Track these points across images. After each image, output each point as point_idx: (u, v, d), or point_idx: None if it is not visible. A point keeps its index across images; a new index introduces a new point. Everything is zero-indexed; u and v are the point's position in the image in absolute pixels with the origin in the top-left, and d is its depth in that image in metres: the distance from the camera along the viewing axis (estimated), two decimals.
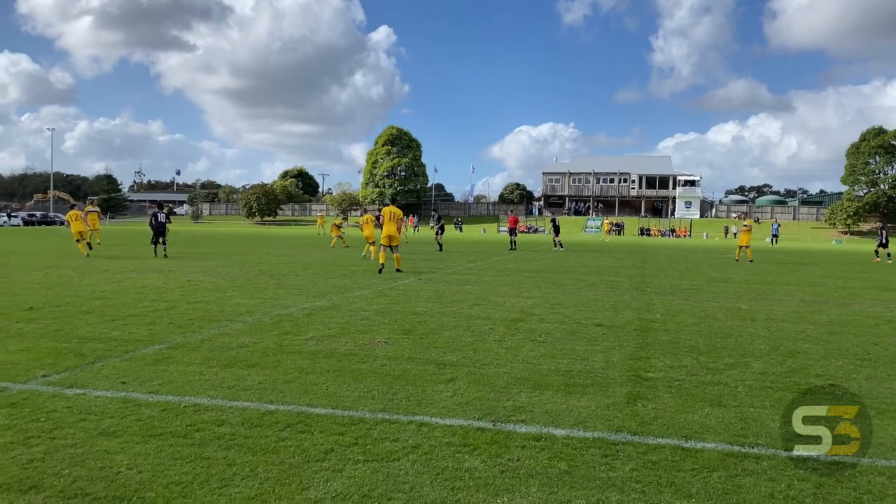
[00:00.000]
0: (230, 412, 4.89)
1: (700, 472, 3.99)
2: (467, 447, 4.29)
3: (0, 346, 6.97)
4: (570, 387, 5.80)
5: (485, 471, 3.93)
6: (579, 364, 6.68)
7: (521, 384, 5.83)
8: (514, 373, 6.25)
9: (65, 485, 3.57)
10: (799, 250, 39.31)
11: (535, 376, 6.13)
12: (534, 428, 4.70)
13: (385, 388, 5.59)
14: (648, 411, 5.17)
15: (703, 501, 3.62)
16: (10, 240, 34.67)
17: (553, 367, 6.50)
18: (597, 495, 3.64)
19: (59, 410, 4.86)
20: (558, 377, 6.12)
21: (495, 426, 4.72)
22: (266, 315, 9.37)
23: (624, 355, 7.17)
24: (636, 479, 3.88)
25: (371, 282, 14.37)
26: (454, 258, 24.08)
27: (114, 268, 17.02)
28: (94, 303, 10.29)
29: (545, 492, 3.67)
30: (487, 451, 4.25)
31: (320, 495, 3.53)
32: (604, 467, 4.05)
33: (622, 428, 4.76)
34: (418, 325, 8.74)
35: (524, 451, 4.25)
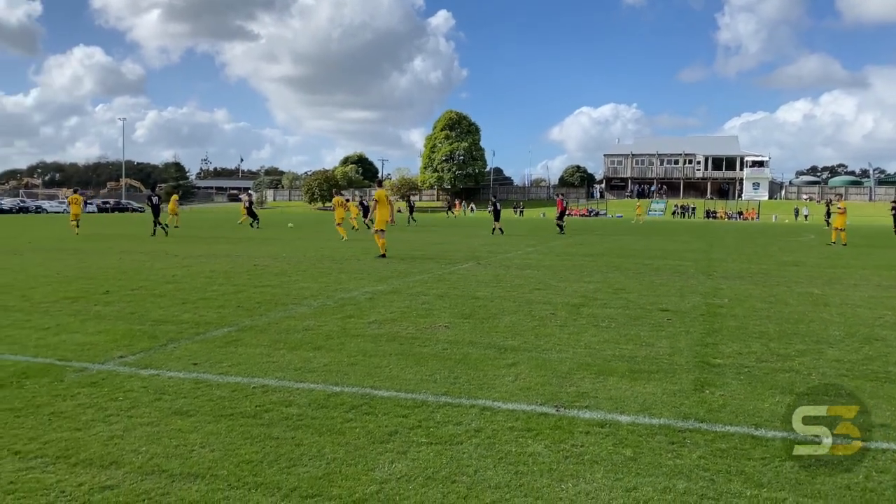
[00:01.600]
0: (297, 393, 5.00)
1: (772, 462, 3.87)
2: (530, 432, 4.28)
3: (80, 328, 7.30)
4: (634, 373, 5.71)
5: (548, 456, 3.91)
6: (644, 350, 6.57)
7: (584, 370, 5.77)
8: (577, 358, 6.19)
9: (142, 461, 3.72)
10: (875, 232, 37.57)
11: (599, 362, 6.06)
12: (598, 414, 4.65)
13: (447, 372, 5.62)
14: (716, 398, 5.04)
15: (776, 491, 3.52)
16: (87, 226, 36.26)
17: (617, 353, 6.41)
18: (663, 482, 3.58)
19: (136, 390, 5.06)
20: (622, 363, 6.04)
21: (558, 412, 4.69)
22: (330, 299, 9.53)
23: (690, 341, 7.01)
24: (704, 466, 3.80)
25: (430, 266, 14.45)
26: (513, 242, 23.97)
27: (183, 252, 17.60)
28: (166, 286, 10.67)
29: (610, 478, 3.63)
30: (551, 436, 4.22)
31: (385, 476, 3.58)
32: (670, 455, 3.97)
33: (689, 415, 4.66)
34: (478, 309, 8.74)
35: (588, 437, 4.21)
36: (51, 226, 37.08)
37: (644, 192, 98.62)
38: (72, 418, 4.40)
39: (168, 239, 23.93)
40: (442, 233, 31.43)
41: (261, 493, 3.35)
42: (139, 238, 24.86)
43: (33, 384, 5.16)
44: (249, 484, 3.44)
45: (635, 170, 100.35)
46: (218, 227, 34.79)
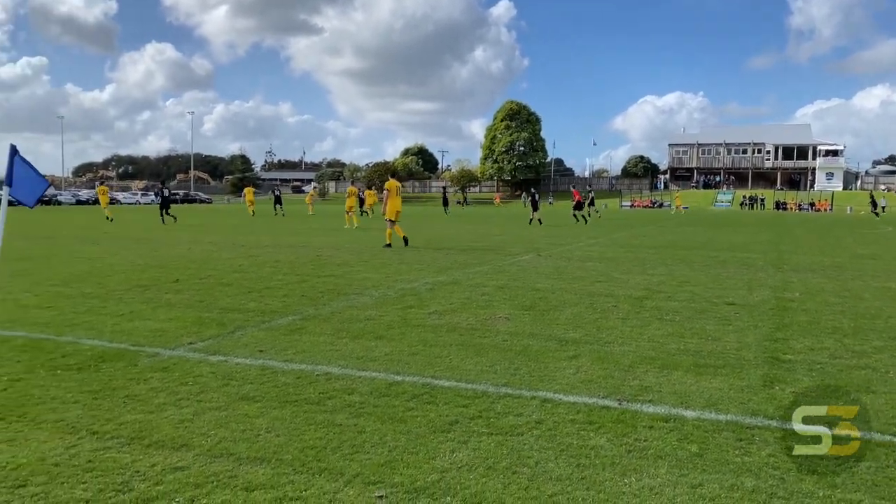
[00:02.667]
0: (359, 381, 5.07)
1: (846, 462, 3.72)
2: (592, 425, 4.23)
3: (152, 315, 7.58)
4: (700, 367, 5.57)
5: (611, 449, 3.85)
6: (710, 344, 6.40)
7: (648, 363, 5.67)
8: (640, 352, 6.07)
9: (211, 444, 3.84)
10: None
11: (663, 356, 5.93)
12: (662, 408, 4.56)
13: (507, 363, 5.60)
14: (787, 395, 4.87)
15: (850, 492, 3.38)
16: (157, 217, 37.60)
17: (682, 347, 6.26)
18: (731, 480, 3.49)
19: (205, 375, 5.22)
20: (687, 357, 5.90)
21: (621, 405, 4.61)
22: (390, 289, 9.62)
23: (759, 336, 6.79)
24: (774, 465, 3.68)
25: (489, 258, 14.42)
26: (574, 234, 23.70)
27: (249, 242, 18.07)
28: (233, 275, 10.97)
29: (675, 474, 3.55)
30: (613, 429, 4.16)
31: (447, 465, 3.59)
32: (738, 451, 3.86)
33: (758, 412, 4.52)
34: (539, 301, 8.68)
35: (652, 432, 4.13)
36: (124, 216, 38.56)
37: (710, 182, 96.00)
38: (145, 401, 4.58)
39: (236, 229, 24.58)
40: (501, 224, 31.32)
41: (324, 478, 3.41)
42: (207, 228, 25.64)
43: (109, 368, 5.39)
44: (313, 469, 3.51)
45: (701, 160, 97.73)
46: (281, 218, 35.55)
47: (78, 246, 17.00)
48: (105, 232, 23.09)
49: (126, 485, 3.29)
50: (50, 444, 3.78)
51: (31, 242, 17.62)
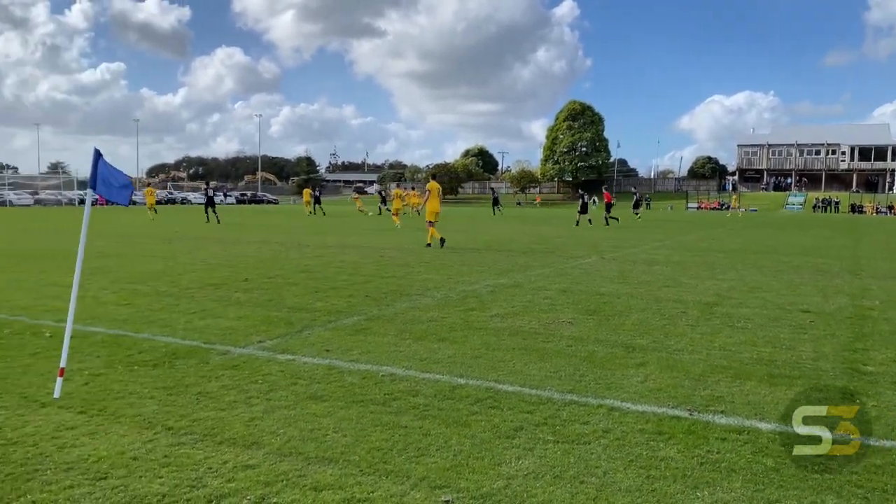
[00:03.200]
0: (423, 384, 5.09)
1: None
2: (662, 435, 4.13)
3: (222, 313, 7.79)
4: (774, 378, 5.37)
5: (682, 461, 3.75)
6: (784, 353, 6.16)
7: (719, 372, 5.50)
8: (711, 360, 5.90)
9: (281, 443, 3.91)
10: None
11: (735, 365, 5.74)
12: (735, 420, 4.41)
13: (572, 370, 5.52)
14: (868, 409, 4.65)
15: None
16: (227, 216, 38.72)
17: (755, 356, 6.05)
18: (810, 497, 3.34)
19: (274, 374, 5.33)
20: (761, 367, 5.69)
21: (692, 415, 4.49)
22: (452, 291, 9.63)
23: (836, 346, 6.51)
24: (857, 483, 3.51)
25: (552, 260, 14.28)
26: (639, 236, 23.26)
27: (315, 243, 18.40)
28: (299, 275, 11.18)
29: (750, 489, 3.43)
30: (684, 440, 4.05)
31: (512, 472, 3.56)
32: (817, 467, 3.70)
33: None
34: (604, 305, 8.54)
35: (725, 444, 4.00)
36: (195, 215, 39.84)
37: (781, 184, 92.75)
38: (217, 399, 4.70)
39: (301, 229, 25.07)
40: (563, 226, 31.00)
41: (391, 480, 3.43)
42: (274, 228, 26.26)
43: (182, 365, 5.56)
44: (380, 471, 3.53)
45: (771, 161, 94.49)
46: (345, 218, 36.12)
47: (153, 244, 17.65)
48: (177, 231, 23.91)
49: (199, 481, 3.39)
50: (128, 439, 3.92)
51: (110, 241, 18.39)
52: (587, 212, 31.02)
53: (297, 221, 33.30)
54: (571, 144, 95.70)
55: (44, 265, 12.48)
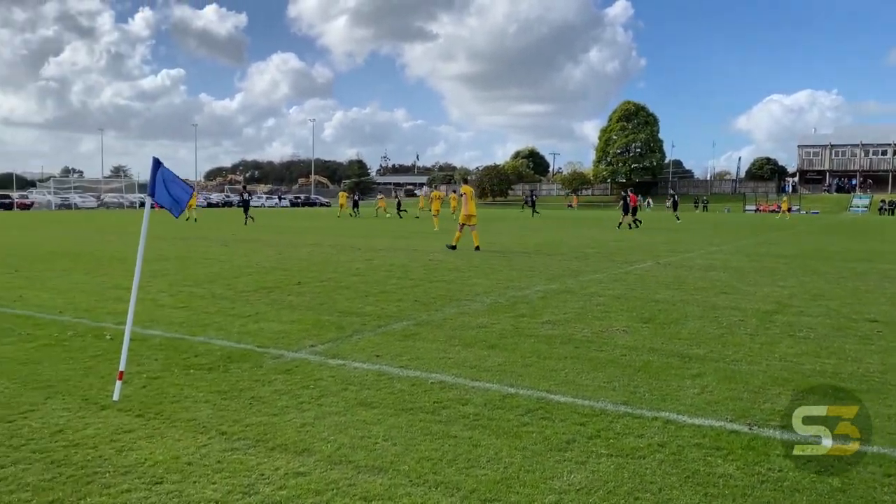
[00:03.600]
0: (473, 392, 5.04)
1: None
2: (720, 451, 3.99)
3: (275, 317, 7.90)
4: (839, 391, 5.15)
5: (741, 479, 3.61)
6: (850, 365, 5.91)
7: (780, 385, 5.29)
8: (771, 371, 5.69)
9: (331, 450, 3.92)
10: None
11: (797, 377, 5.53)
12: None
13: (626, 380, 5.40)
14: None
15: None
16: (282, 219, 39.43)
17: (818, 368, 5.81)
18: None
19: (325, 379, 5.37)
20: (825, 379, 5.46)
21: (751, 430, 4.33)
22: (502, 296, 9.57)
23: None
24: None
25: (605, 265, 14.06)
26: (695, 241, 22.74)
27: (366, 246, 18.56)
28: (351, 279, 11.28)
29: None
30: (743, 457, 3.90)
31: (564, 486, 3.49)
32: (887, 489, 3.52)
33: None
34: (659, 313, 8.35)
35: (787, 462, 3.84)
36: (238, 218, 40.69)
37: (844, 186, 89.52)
38: (269, 403, 4.76)
39: (352, 232, 25.33)
40: (614, 229, 30.55)
41: (440, 492, 3.39)
42: (327, 231, 26.60)
43: (237, 368, 5.65)
44: (430, 482, 3.50)
45: (834, 162, 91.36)
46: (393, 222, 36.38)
47: (209, 247, 18.07)
48: (233, 234, 24.44)
49: (252, 487, 3.42)
50: (183, 443, 3.99)
51: (168, 243, 18.90)
52: (629, 213, 30.77)
53: (348, 224, 33.68)
54: (625, 145, 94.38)
55: (107, 268, 12.90)
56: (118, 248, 17.37)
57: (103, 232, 25.83)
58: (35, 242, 19.63)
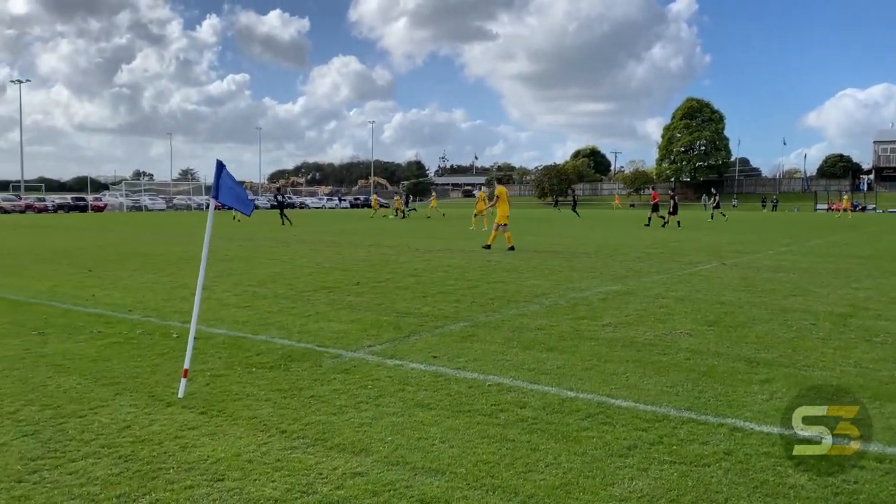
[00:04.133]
0: (531, 395, 4.97)
1: None
2: (790, 460, 3.81)
3: (335, 316, 7.99)
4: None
5: (814, 490, 3.44)
6: None
7: (855, 392, 5.04)
8: (845, 378, 5.43)
9: (388, 451, 3.92)
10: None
11: (873, 384, 5.25)
12: (875, 446, 4.01)
13: (690, 385, 5.23)
14: None
15: None
16: (342, 221, 40.03)
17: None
18: None
19: (382, 379, 5.38)
20: None
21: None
22: (561, 298, 9.44)
23: None
24: None
25: (668, 266, 13.72)
26: (763, 241, 22.00)
27: (424, 247, 18.63)
28: (408, 279, 11.32)
29: None
30: (816, 467, 3.72)
31: (625, 493, 3.39)
32: None
33: None
34: (724, 315, 8.08)
35: (863, 473, 3.64)
36: (311, 220, 41.47)
37: None
38: (328, 402, 4.80)
39: (411, 234, 25.49)
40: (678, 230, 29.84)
41: (498, 496, 3.35)
42: (386, 231, 26.84)
43: (297, 367, 5.73)
44: (487, 486, 3.46)
45: None
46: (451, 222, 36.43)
47: (272, 248, 18.46)
48: (295, 235, 24.91)
49: (310, 486, 3.44)
50: (244, 441, 4.06)
51: (233, 244, 19.41)
52: (675, 212, 30.76)
53: (406, 224, 33.91)
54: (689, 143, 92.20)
55: (174, 268, 13.32)
56: (185, 249, 17.93)
57: (171, 233, 26.71)
58: (107, 243, 20.45)
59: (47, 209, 61.90)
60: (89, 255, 16.09)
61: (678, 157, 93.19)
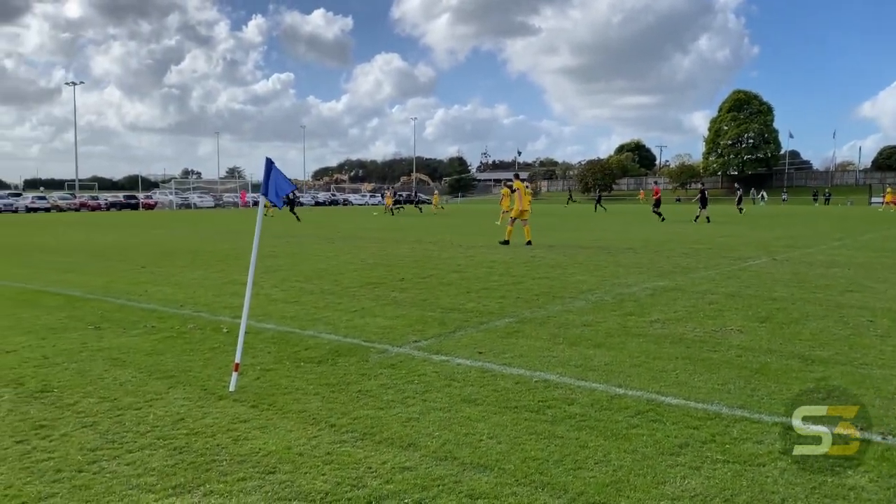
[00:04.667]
0: (579, 392, 4.93)
1: None
2: (849, 461, 3.70)
3: (380, 312, 8.04)
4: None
5: (875, 492, 3.33)
6: None
7: None
8: None
9: (436, 446, 3.93)
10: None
11: None
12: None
13: (742, 382, 5.12)
14: None
15: None
16: (385, 217, 40.29)
17: None
18: None
19: (429, 374, 5.40)
20: None
21: (885, 440, 3.99)
22: (607, 293, 9.33)
23: None
24: None
25: (717, 261, 13.45)
26: (815, 235, 21.39)
27: (466, 243, 18.62)
28: (452, 275, 11.33)
29: None
30: (876, 468, 3.60)
31: (678, 492, 3.33)
32: None
33: None
34: (777, 312, 7.88)
35: None
36: (355, 217, 41.85)
37: None
38: (375, 397, 4.83)
39: (453, 230, 25.54)
40: (728, 225, 29.22)
41: (547, 493, 3.32)
42: (427, 228, 26.91)
43: (344, 362, 5.78)
44: (536, 482, 3.44)
45: None
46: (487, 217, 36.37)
47: (316, 244, 18.68)
48: (339, 231, 25.16)
49: (360, 480, 3.47)
50: (295, 434, 4.12)
51: (279, 240, 19.70)
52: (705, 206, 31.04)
53: (448, 220, 33.93)
54: (737, 136, 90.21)
55: (223, 264, 13.58)
56: (234, 246, 18.26)
57: (219, 230, 27.23)
58: (158, 240, 20.97)
59: (100, 207, 63.80)
60: (141, 252, 16.52)
61: (725, 150, 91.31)
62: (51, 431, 4.19)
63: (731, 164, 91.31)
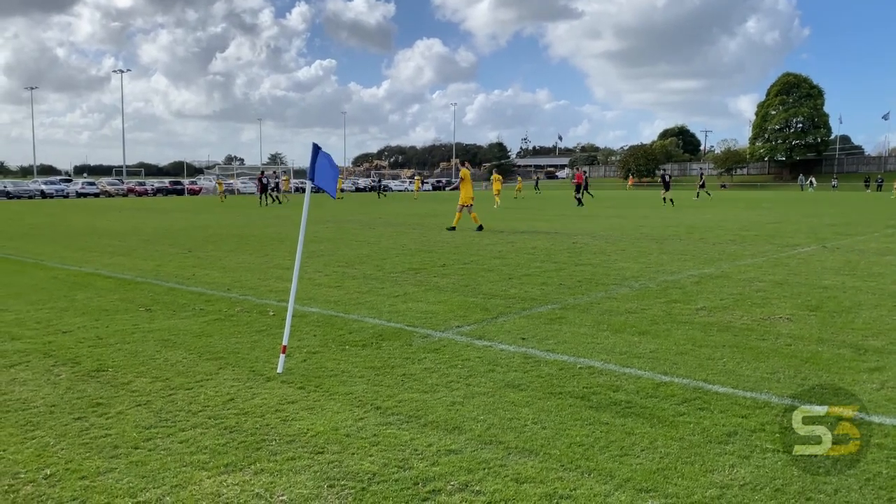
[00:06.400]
0: (624, 379, 4.90)
1: None
2: None
3: (423, 297, 8.09)
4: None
5: None
6: None
7: None
8: None
9: (481, 430, 3.95)
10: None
11: None
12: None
13: (792, 372, 5.02)
14: None
15: None
16: (424, 202, 40.38)
17: None
18: None
19: (472, 359, 5.42)
20: None
21: None
22: (651, 281, 9.21)
23: None
24: None
25: (764, 248, 13.17)
26: (867, 223, 20.76)
27: (508, 229, 18.57)
28: (493, 261, 11.32)
29: None
30: None
31: (726, 480, 3.30)
32: None
33: None
34: (827, 300, 7.69)
35: None
36: (395, 203, 42.05)
37: None
38: (420, 381, 4.87)
39: (494, 215, 25.46)
40: (776, 210, 28.54)
41: (594, 478, 3.32)
42: None
43: (388, 346, 5.84)
44: (582, 468, 3.43)
45: None
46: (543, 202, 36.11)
47: (357, 230, 18.84)
48: (380, 216, 25.32)
49: (406, 462, 3.51)
50: (342, 416, 4.18)
51: (322, 226, 19.92)
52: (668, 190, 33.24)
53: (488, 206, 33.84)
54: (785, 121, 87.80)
55: (268, 248, 13.80)
56: (277, 231, 18.53)
57: (263, 215, 27.63)
58: (204, 225, 21.38)
59: (147, 193, 65.33)
60: (188, 237, 16.88)
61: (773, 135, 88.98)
62: (107, 409, 4.33)
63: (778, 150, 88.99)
